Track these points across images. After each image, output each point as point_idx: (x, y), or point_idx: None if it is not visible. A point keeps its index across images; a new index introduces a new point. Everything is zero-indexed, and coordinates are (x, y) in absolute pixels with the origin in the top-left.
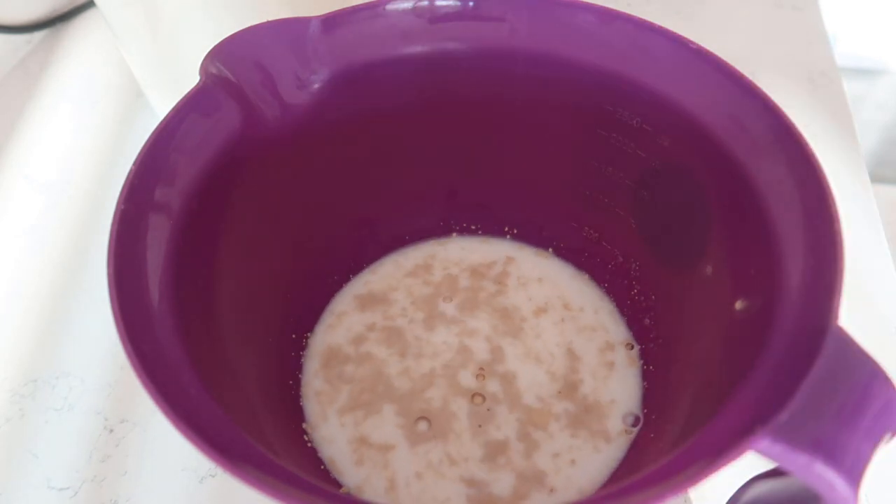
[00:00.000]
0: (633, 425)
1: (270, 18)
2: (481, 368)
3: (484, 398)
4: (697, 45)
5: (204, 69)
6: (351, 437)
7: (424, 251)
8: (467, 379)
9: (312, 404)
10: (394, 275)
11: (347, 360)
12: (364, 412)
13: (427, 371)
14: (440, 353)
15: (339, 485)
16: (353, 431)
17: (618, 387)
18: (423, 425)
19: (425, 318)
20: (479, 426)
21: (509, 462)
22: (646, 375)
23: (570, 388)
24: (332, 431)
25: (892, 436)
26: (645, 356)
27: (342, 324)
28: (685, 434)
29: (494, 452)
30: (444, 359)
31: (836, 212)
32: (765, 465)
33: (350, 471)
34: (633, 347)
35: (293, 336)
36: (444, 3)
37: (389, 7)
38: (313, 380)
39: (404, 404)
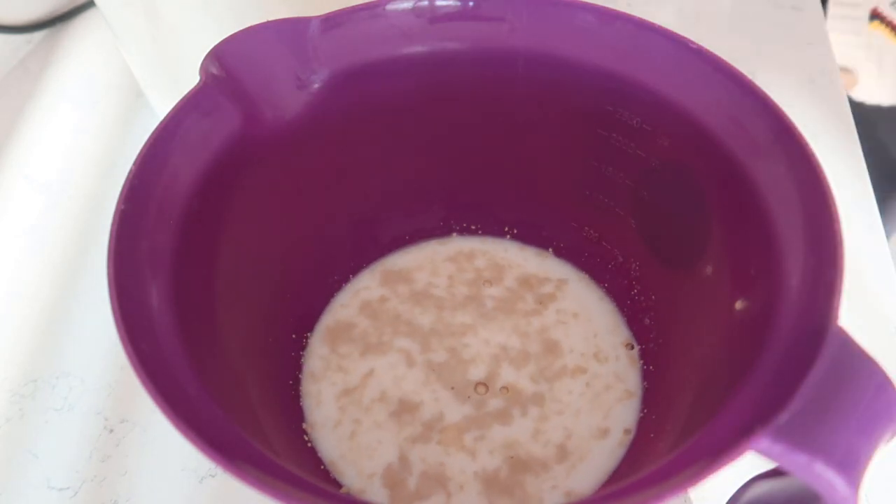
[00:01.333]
0: (633, 425)
1: (270, 18)
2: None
3: (487, 388)
4: (697, 45)
5: (204, 69)
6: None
7: (425, 251)
8: (468, 375)
9: (311, 403)
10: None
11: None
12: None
13: (427, 371)
14: (440, 352)
15: (339, 485)
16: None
17: (618, 387)
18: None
19: (424, 315)
20: (477, 421)
21: (509, 461)
22: (646, 375)
23: (569, 387)
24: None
25: (893, 436)
26: (645, 356)
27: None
28: (685, 434)
29: (493, 452)
30: (445, 356)
31: (836, 212)
32: (765, 465)
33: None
34: (633, 347)
35: (293, 336)
36: (444, 3)
37: (389, 7)
38: (311, 381)
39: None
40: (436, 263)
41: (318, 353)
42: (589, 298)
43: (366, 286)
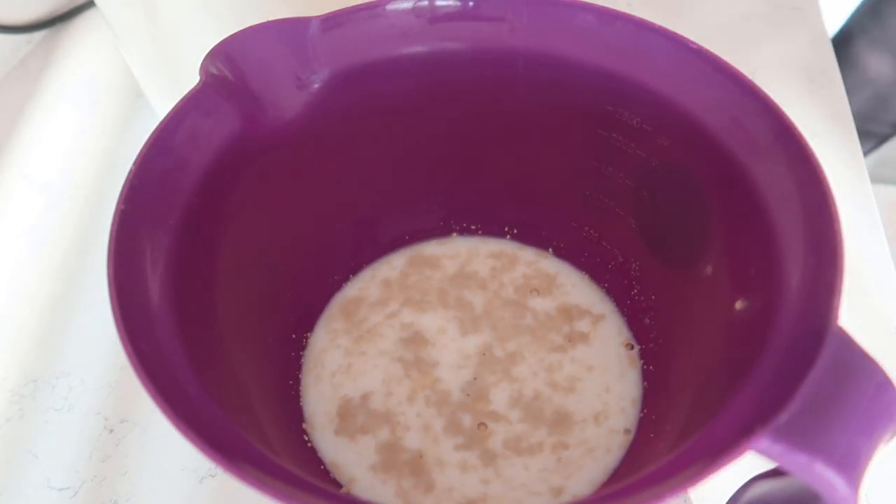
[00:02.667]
0: (633, 425)
1: (270, 18)
2: (483, 353)
3: (486, 426)
4: (697, 45)
5: (204, 69)
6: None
7: (424, 250)
8: (466, 374)
9: (312, 404)
10: (394, 274)
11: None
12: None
13: (429, 367)
14: (442, 349)
15: (338, 485)
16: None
17: (618, 387)
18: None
19: (423, 314)
20: (477, 425)
21: (508, 461)
22: (646, 375)
23: (569, 386)
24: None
25: (893, 436)
26: (645, 356)
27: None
28: (685, 434)
29: (493, 451)
30: (446, 354)
31: (836, 212)
32: (765, 465)
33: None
34: (633, 347)
35: (293, 336)
36: (444, 3)
37: (389, 7)
38: (312, 379)
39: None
40: (473, 262)
41: (318, 351)
42: (614, 342)
43: (390, 266)
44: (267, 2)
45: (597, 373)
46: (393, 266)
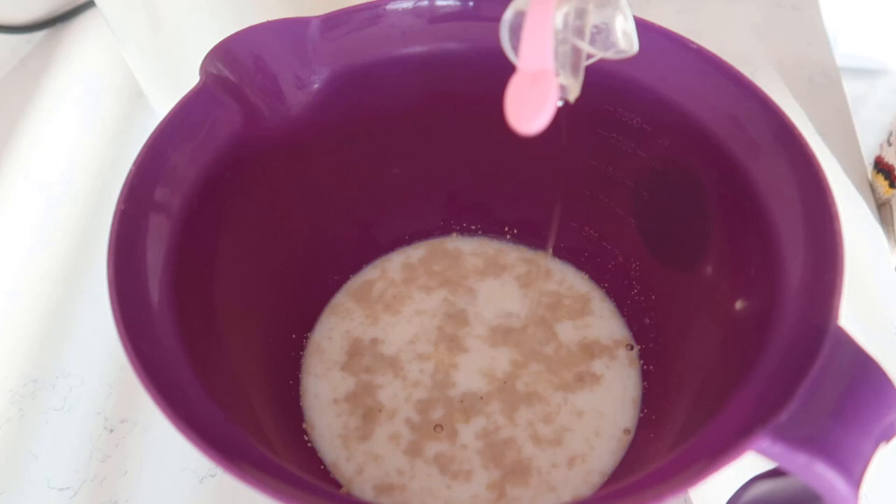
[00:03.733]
0: (633, 425)
1: (270, 18)
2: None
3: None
4: (697, 45)
5: (204, 69)
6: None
7: (424, 250)
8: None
9: (310, 400)
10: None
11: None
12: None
13: (429, 363)
14: (444, 347)
15: (338, 485)
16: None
17: (618, 386)
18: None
19: (421, 312)
20: (479, 424)
21: (507, 460)
22: (646, 375)
23: (569, 386)
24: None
25: (893, 436)
26: (645, 356)
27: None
28: (685, 434)
29: (493, 451)
30: (475, 357)
31: (836, 212)
32: (765, 465)
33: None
34: (633, 347)
35: (293, 336)
36: (444, 3)
37: (389, 7)
38: (311, 376)
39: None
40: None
41: (318, 351)
42: (621, 387)
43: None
44: (267, 2)
45: (590, 418)
46: (410, 255)
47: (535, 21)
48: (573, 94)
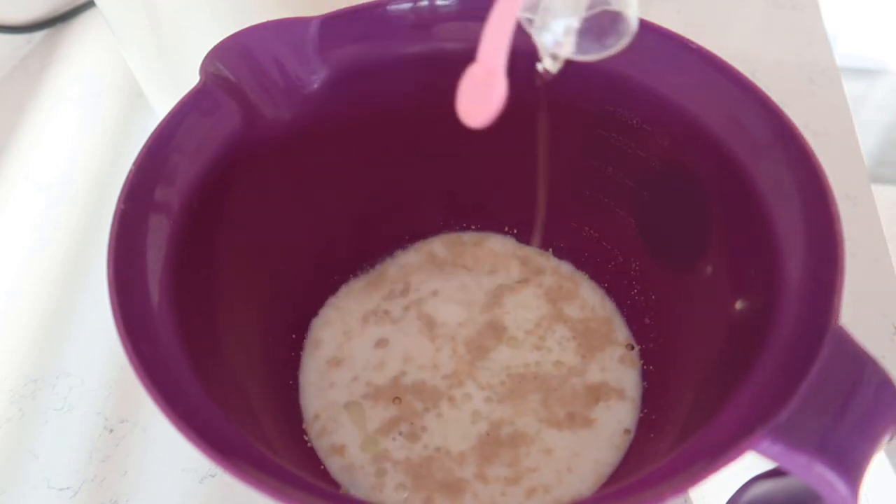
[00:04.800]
0: (633, 425)
1: (271, 18)
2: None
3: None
4: (697, 45)
5: (204, 69)
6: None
7: (424, 250)
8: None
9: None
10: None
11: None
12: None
13: (430, 361)
14: (444, 347)
15: (338, 485)
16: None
17: (618, 386)
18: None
19: (420, 312)
20: (479, 422)
21: (506, 461)
22: (646, 375)
23: (569, 386)
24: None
25: (893, 436)
26: (645, 356)
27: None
28: (685, 434)
29: (491, 451)
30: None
31: (836, 212)
32: (765, 465)
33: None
34: (633, 347)
35: (293, 336)
36: (444, 3)
37: (389, 7)
38: (313, 375)
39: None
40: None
41: (318, 351)
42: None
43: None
44: (267, 2)
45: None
46: (410, 255)
47: (497, 21)
48: (554, 68)
